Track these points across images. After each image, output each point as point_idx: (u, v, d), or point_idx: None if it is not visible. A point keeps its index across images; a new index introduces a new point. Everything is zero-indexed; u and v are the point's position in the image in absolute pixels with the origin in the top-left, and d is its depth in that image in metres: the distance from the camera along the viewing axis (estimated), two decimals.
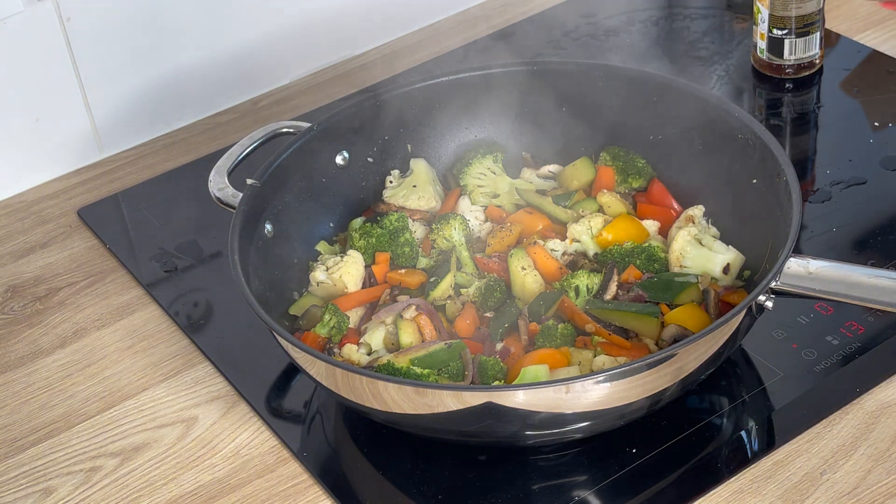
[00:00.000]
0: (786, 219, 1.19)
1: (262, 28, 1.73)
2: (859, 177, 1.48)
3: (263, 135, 1.39)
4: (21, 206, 1.62)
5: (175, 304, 1.42)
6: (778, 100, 1.63)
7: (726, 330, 1.12)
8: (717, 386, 1.23)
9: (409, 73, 1.74)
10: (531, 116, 1.46)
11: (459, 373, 1.19)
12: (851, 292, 1.13)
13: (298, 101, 1.74)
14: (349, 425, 1.25)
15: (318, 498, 1.18)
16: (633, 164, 1.40)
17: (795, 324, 1.28)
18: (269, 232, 1.32)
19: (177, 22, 1.66)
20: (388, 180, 1.45)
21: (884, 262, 1.35)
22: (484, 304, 1.29)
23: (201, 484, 1.21)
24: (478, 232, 1.39)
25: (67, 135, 1.64)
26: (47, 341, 1.40)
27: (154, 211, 1.57)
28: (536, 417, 1.10)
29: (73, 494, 1.21)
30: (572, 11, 1.84)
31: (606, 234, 1.33)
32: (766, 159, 1.26)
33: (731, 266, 1.28)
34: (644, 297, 1.25)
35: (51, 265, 1.51)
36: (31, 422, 1.30)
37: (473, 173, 1.43)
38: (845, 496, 1.13)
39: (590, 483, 1.16)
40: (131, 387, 1.33)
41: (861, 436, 1.17)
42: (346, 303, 1.30)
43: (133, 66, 1.65)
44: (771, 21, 1.61)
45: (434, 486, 1.17)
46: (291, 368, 1.30)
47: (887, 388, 1.21)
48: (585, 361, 1.19)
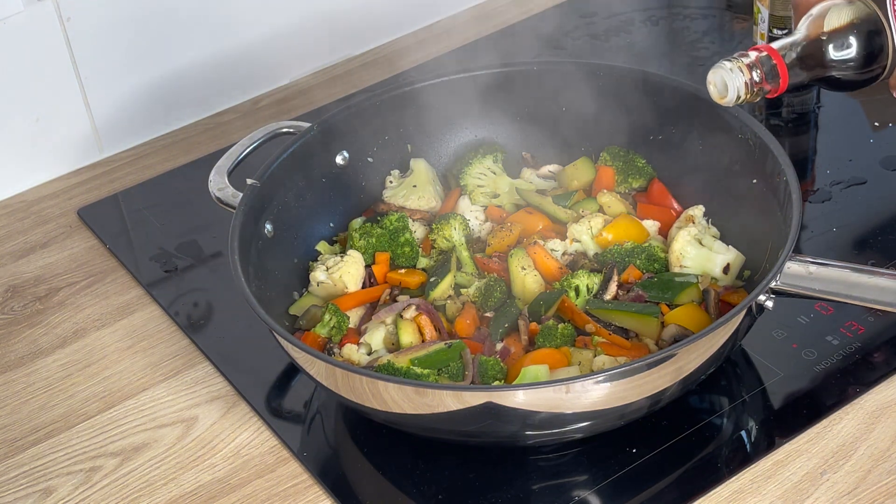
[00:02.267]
0: (786, 219, 1.19)
1: (262, 28, 1.73)
2: (859, 177, 1.48)
3: (263, 135, 1.39)
4: (21, 206, 1.62)
5: (175, 304, 1.42)
6: (778, 100, 1.63)
7: (726, 330, 1.12)
8: (717, 386, 1.23)
9: (409, 73, 1.74)
10: (531, 116, 1.46)
11: (459, 373, 1.19)
12: (851, 292, 1.13)
13: (298, 101, 1.74)
14: (349, 425, 1.25)
15: (318, 498, 1.18)
16: (633, 164, 1.40)
17: (795, 324, 1.28)
18: (269, 232, 1.32)
19: (177, 22, 1.66)
20: (388, 180, 1.45)
21: (884, 262, 1.35)
22: (484, 304, 1.29)
23: (201, 484, 1.21)
24: (478, 232, 1.39)
25: (67, 135, 1.64)
26: (47, 341, 1.40)
27: (154, 211, 1.57)
28: (536, 417, 1.10)
29: (73, 494, 1.21)
30: (572, 11, 1.84)
31: (606, 234, 1.33)
32: (766, 159, 1.26)
33: (731, 266, 1.28)
34: (644, 297, 1.25)
35: (51, 265, 1.51)
36: (31, 422, 1.30)
37: (473, 173, 1.43)
38: (845, 496, 1.13)
39: (590, 483, 1.16)
40: (131, 387, 1.33)
41: (861, 436, 1.17)
42: (346, 303, 1.30)
43: (133, 66, 1.65)
44: (771, 21, 1.61)
45: (434, 486, 1.17)
46: (291, 368, 1.30)
47: (887, 388, 1.21)
48: (585, 361, 1.19)
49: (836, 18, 1.20)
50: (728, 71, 1.20)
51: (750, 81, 1.20)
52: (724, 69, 1.20)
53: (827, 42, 1.19)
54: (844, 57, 1.19)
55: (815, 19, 1.21)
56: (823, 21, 1.20)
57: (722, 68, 1.21)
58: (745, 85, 1.20)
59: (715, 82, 1.22)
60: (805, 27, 1.21)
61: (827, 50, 1.19)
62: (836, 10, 1.20)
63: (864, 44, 1.20)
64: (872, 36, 1.19)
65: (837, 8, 1.20)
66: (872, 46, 1.20)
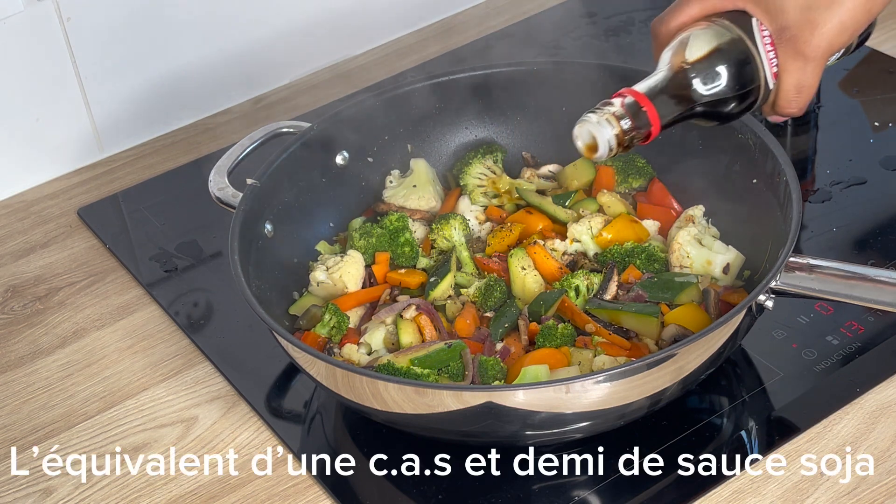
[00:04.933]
0: (786, 219, 1.19)
1: (262, 28, 1.73)
2: (859, 177, 1.48)
3: (263, 135, 1.39)
4: (21, 206, 1.62)
5: (175, 304, 1.42)
6: None
7: (726, 330, 1.12)
8: (717, 386, 1.23)
9: (409, 73, 1.74)
10: (531, 116, 1.46)
11: (459, 373, 1.19)
12: (851, 292, 1.13)
13: (298, 101, 1.74)
14: (349, 425, 1.25)
15: (318, 498, 1.18)
16: (633, 164, 1.40)
17: (795, 324, 1.28)
18: (269, 232, 1.32)
19: (177, 22, 1.66)
20: (388, 180, 1.45)
21: (884, 262, 1.35)
22: (484, 304, 1.29)
23: (201, 484, 1.21)
24: (478, 232, 1.39)
25: (67, 135, 1.64)
26: (47, 341, 1.40)
27: (154, 211, 1.57)
28: (536, 417, 1.10)
29: (72, 494, 1.21)
30: (572, 11, 1.84)
31: (606, 234, 1.33)
32: (766, 159, 1.26)
33: (731, 266, 1.28)
34: (644, 297, 1.25)
35: (51, 265, 1.51)
36: (31, 422, 1.30)
37: (473, 173, 1.43)
38: (845, 496, 1.13)
39: (590, 483, 1.16)
40: (131, 387, 1.33)
41: (861, 436, 1.17)
42: (346, 303, 1.30)
43: (133, 66, 1.65)
44: None
45: (434, 486, 1.17)
46: (291, 368, 1.30)
47: (887, 388, 1.21)
48: (585, 361, 1.19)
49: (698, 48, 1.07)
50: (595, 124, 1.06)
51: (619, 133, 1.06)
52: (590, 123, 1.06)
53: (693, 75, 1.06)
54: (715, 89, 1.07)
55: (676, 51, 1.08)
56: (685, 52, 1.07)
57: (588, 122, 1.07)
58: (616, 137, 1.06)
59: (582, 137, 1.08)
60: (668, 61, 1.08)
61: (695, 84, 1.06)
62: (698, 38, 1.08)
63: (733, 72, 1.07)
64: (741, 62, 1.07)
65: (698, 36, 1.08)
66: (742, 73, 1.07)
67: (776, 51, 1.06)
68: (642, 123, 1.06)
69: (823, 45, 1.04)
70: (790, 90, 1.07)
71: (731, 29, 1.07)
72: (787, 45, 1.05)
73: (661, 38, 1.11)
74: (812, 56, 1.04)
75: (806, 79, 1.06)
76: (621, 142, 1.06)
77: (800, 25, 1.03)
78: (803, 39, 1.03)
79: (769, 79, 1.08)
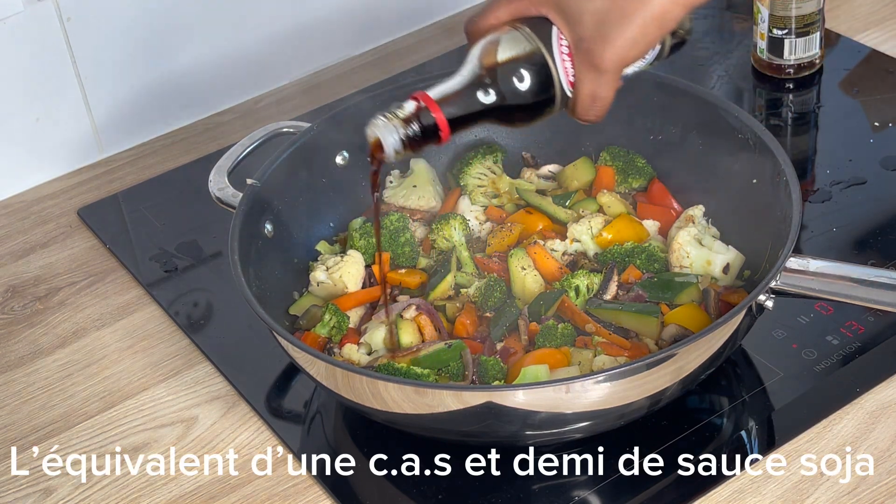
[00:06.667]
0: (786, 219, 1.19)
1: (262, 28, 1.73)
2: (859, 177, 1.48)
3: (263, 135, 1.39)
4: (21, 206, 1.62)
5: (175, 304, 1.42)
6: (778, 100, 1.63)
7: (726, 330, 1.12)
8: (717, 386, 1.23)
9: (409, 73, 1.74)
10: None
11: (459, 373, 1.19)
12: (851, 292, 1.13)
13: (298, 101, 1.74)
14: (349, 425, 1.25)
15: (318, 498, 1.18)
16: (633, 164, 1.40)
17: (795, 324, 1.28)
18: (269, 232, 1.32)
19: (177, 22, 1.66)
20: (388, 180, 1.45)
21: (884, 262, 1.35)
22: (484, 304, 1.29)
23: (201, 484, 1.21)
24: (478, 232, 1.39)
25: (67, 135, 1.64)
26: (47, 341, 1.40)
27: (154, 211, 1.57)
28: (536, 417, 1.10)
29: (73, 494, 1.21)
30: None
31: (606, 234, 1.33)
32: (766, 159, 1.26)
33: (731, 266, 1.28)
34: (644, 297, 1.25)
35: (51, 265, 1.51)
36: (30, 422, 1.30)
37: (473, 173, 1.43)
38: (845, 496, 1.13)
39: (590, 483, 1.16)
40: (131, 387, 1.33)
41: (861, 436, 1.17)
42: (346, 303, 1.30)
43: (133, 66, 1.65)
44: (771, 21, 1.61)
45: (434, 486, 1.17)
46: (291, 368, 1.30)
47: (887, 388, 1.21)
48: (585, 361, 1.19)
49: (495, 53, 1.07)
50: (382, 128, 1.07)
51: (405, 137, 1.06)
52: (377, 125, 1.07)
53: (488, 81, 1.07)
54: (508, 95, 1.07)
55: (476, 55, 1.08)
56: (483, 57, 1.07)
57: (376, 126, 1.08)
58: (402, 141, 1.07)
59: (370, 139, 1.09)
60: (467, 64, 1.08)
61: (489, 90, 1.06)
62: (496, 44, 1.07)
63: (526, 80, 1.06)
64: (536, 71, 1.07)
65: (497, 42, 1.07)
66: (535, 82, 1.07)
67: (573, 61, 1.07)
68: (430, 129, 1.07)
69: (615, 59, 1.04)
70: (586, 99, 1.08)
71: (529, 37, 1.07)
72: (583, 56, 1.05)
73: (471, 38, 1.11)
74: (605, 68, 1.05)
75: (600, 89, 1.07)
76: (408, 146, 1.07)
77: (594, 38, 1.04)
78: (597, 52, 1.04)
79: (566, 87, 1.08)
